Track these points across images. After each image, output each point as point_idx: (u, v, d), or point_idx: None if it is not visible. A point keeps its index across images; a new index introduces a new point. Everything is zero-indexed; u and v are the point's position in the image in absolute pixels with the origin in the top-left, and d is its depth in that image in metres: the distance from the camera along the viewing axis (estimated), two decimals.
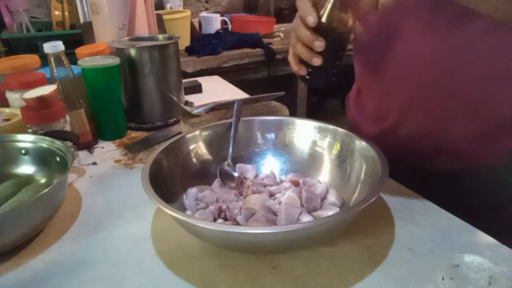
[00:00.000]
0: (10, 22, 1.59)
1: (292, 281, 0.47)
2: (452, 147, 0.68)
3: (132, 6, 0.99)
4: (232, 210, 0.56)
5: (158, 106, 0.93)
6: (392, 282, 0.46)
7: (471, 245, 0.51)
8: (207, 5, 2.17)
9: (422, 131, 0.68)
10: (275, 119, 0.69)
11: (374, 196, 0.46)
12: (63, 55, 0.77)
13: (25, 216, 0.51)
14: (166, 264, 0.51)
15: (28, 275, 0.50)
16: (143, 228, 0.58)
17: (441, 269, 0.45)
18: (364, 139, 0.59)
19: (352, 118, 0.83)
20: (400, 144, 0.69)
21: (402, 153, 0.69)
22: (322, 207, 0.57)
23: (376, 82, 0.72)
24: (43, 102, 0.71)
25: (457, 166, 0.68)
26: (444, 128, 0.67)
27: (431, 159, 0.70)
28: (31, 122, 0.72)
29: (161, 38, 0.97)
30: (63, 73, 0.78)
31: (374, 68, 0.71)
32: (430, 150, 0.69)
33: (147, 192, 0.49)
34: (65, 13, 1.60)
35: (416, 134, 0.69)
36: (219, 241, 0.50)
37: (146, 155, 0.80)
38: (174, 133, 0.88)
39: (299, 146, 0.67)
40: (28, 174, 0.67)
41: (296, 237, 0.46)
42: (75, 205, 0.64)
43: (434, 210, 0.59)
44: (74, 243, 0.56)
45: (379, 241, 0.53)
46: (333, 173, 0.63)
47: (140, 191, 0.50)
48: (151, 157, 0.57)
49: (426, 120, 0.67)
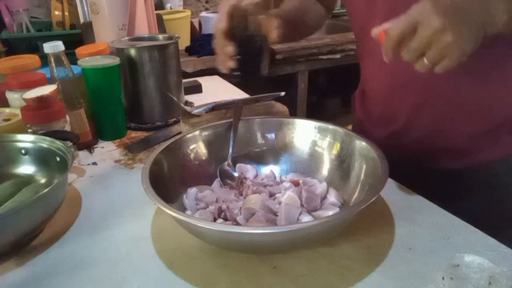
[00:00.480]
0: (10, 22, 1.59)
1: (292, 281, 0.47)
2: (455, 146, 0.68)
3: (132, 6, 0.99)
4: (232, 210, 0.56)
5: (158, 106, 0.93)
6: (392, 282, 0.46)
7: (471, 245, 0.51)
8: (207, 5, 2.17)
9: (429, 133, 0.69)
10: (275, 119, 0.69)
11: (374, 196, 0.46)
12: (63, 55, 0.77)
13: (25, 216, 0.51)
14: (166, 264, 0.51)
15: (28, 275, 0.50)
16: (143, 228, 0.58)
17: (441, 269, 0.45)
18: (364, 139, 0.59)
19: (359, 120, 0.83)
20: (406, 145, 0.69)
21: (408, 153, 0.69)
22: (322, 207, 0.57)
23: (383, 87, 0.72)
24: (43, 102, 0.71)
25: (459, 164, 0.69)
26: (450, 128, 0.67)
27: (435, 158, 0.70)
28: (31, 122, 0.72)
29: (161, 38, 0.97)
30: (63, 73, 0.78)
31: (380, 72, 0.71)
32: (434, 150, 0.70)
33: (147, 192, 0.49)
34: (65, 13, 1.60)
35: (423, 136, 0.69)
36: (219, 241, 0.50)
37: (146, 155, 0.80)
38: (174, 133, 0.88)
39: (299, 146, 0.67)
40: (28, 174, 0.67)
41: (296, 237, 0.46)
42: (75, 205, 0.64)
43: (434, 210, 0.59)
44: (74, 243, 0.56)
45: (379, 241, 0.53)
46: (333, 173, 0.63)
47: (140, 191, 0.50)
48: (151, 157, 0.57)
49: (434, 122, 0.68)
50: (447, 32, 0.45)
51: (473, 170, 0.69)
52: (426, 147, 0.70)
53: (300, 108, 1.83)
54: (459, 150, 0.69)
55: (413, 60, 0.49)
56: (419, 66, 0.49)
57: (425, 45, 0.47)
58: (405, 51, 0.48)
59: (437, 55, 0.47)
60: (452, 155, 0.69)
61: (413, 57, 0.48)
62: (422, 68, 0.48)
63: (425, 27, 0.46)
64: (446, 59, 0.46)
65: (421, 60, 0.48)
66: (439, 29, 0.45)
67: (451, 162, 0.69)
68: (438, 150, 0.70)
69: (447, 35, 0.45)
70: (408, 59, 0.49)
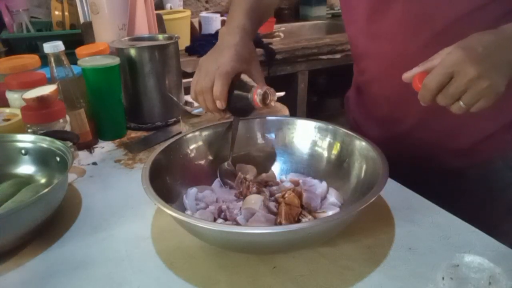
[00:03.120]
0: (10, 22, 1.59)
1: (292, 281, 0.47)
2: (458, 146, 0.68)
3: (132, 6, 0.99)
4: (232, 210, 0.56)
5: (158, 106, 0.93)
6: (392, 282, 0.46)
7: (471, 245, 0.51)
8: (207, 5, 2.16)
9: (434, 134, 0.69)
10: (275, 119, 0.69)
11: (374, 196, 0.46)
12: (63, 55, 0.77)
13: (25, 216, 0.51)
14: (166, 264, 0.51)
15: (28, 275, 0.50)
16: (143, 228, 0.58)
17: (441, 269, 0.45)
18: (364, 139, 0.59)
19: (354, 120, 0.83)
20: (408, 146, 0.69)
21: (409, 154, 0.69)
22: (322, 207, 0.57)
23: (389, 91, 0.72)
24: (43, 102, 0.71)
25: (459, 163, 0.69)
26: (456, 130, 0.67)
27: (436, 158, 0.71)
28: (31, 122, 0.72)
29: (161, 38, 0.97)
30: (63, 73, 0.78)
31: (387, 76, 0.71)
32: (437, 150, 0.70)
33: (147, 192, 0.49)
34: (65, 13, 1.60)
35: (427, 137, 0.69)
36: (219, 241, 0.50)
37: (146, 155, 0.80)
38: (174, 133, 0.88)
39: (299, 146, 0.67)
40: (28, 174, 0.67)
41: (296, 237, 0.46)
42: (75, 205, 0.64)
43: (434, 210, 0.59)
44: (74, 243, 0.56)
45: (379, 241, 0.53)
46: (333, 173, 0.63)
47: (140, 191, 0.50)
48: (151, 157, 0.57)
49: (441, 125, 0.68)
50: (482, 79, 0.47)
51: (472, 168, 0.69)
52: (429, 147, 0.70)
53: (300, 108, 1.83)
54: (461, 150, 0.69)
55: (449, 104, 0.50)
56: (455, 108, 0.50)
57: (462, 92, 0.48)
58: (441, 97, 0.50)
59: (473, 99, 0.48)
60: (454, 155, 0.69)
61: (449, 102, 0.50)
62: (458, 111, 0.50)
63: (461, 77, 0.47)
64: (482, 101, 0.48)
65: (457, 104, 0.50)
66: (474, 77, 0.47)
67: (452, 161, 0.70)
68: (440, 150, 0.70)
69: (482, 81, 0.47)
70: (444, 104, 0.51)
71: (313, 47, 1.70)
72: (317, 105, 2.22)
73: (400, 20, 0.63)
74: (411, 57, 0.64)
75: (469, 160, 0.69)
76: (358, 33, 0.74)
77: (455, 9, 0.59)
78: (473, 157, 0.69)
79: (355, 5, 0.71)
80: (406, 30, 0.64)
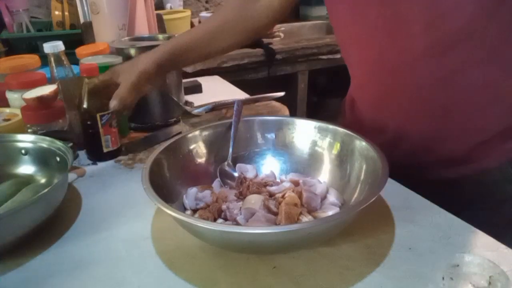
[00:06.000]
0: (10, 22, 1.59)
1: (292, 281, 0.47)
2: (448, 156, 0.67)
3: (132, 6, 0.99)
4: (232, 210, 0.56)
5: (158, 106, 0.93)
6: (392, 282, 0.46)
7: (471, 245, 0.51)
8: (207, 5, 2.17)
9: (421, 142, 0.68)
10: (275, 119, 0.69)
11: (374, 196, 0.46)
12: (63, 55, 0.77)
13: (25, 216, 0.51)
14: (166, 264, 0.51)
15: (28, 275, 0.50)
16: (143, 228, 0.58)
17: (441, 269, 0.45)
18: (364, 139, 0.59)
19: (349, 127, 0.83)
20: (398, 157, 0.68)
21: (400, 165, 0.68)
22: (322, 207, 0.57)
23: (370, 95, 0.72)
24: (43, 102, 0.71)
25: (453, 173, 0.68)
26: (442, 138, 0.66)
27: (427, 169, 0.69)
28: (31, 122, 0.72)
29: (161, 38, 0.97)
30: (63, 73, 0.78)
31: (369, 80, 0.70)
32: (427, 161, 0.69)
33: (147, 192, 0.49)
34: (65, 13, 1.60)
35: (414, 146, 0.68)
36: (219, 241, 0.50)
37: (146, 155, 0.80)
38: (174, 133, 0.88)
39: (299, 146, 0.67)
40: (28, 174, 0.67)
41: (296, 237, 0.46)
42: (75, 205, 0.64)
43: (434, 210, 0.59)
44: (74, 243, 0.56)
45: (379, 241, 0.53)
46: (333, 173, 0.63)
47: (140, 191, 0.50)
48: (151, 157, 0.57)
49: (425, 132, 0.67)
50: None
51: (468, 179, 0.68)
52: (418, 158, 0.69)
53: (300, 108, 1.83)
54: (452, 160, 0.67)
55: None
56: None
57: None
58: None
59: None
60: (445, 165, 0.67)
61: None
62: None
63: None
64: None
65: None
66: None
67: (445, 172, 0.68)
68: (430, 161, 0.68)
69: None
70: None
71: (313, 47, 1.70)
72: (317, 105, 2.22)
73: (376, 24, 0.62)
74: (388, 63, 0.64)
75: (462, 171, 0.67)
76: (341, 38, 0.73)
77: (430, 13, 0.57)
78: (467, 168, 0.67)
79: (335, 9, 0.70)
80: (382, 34, 0.62)
